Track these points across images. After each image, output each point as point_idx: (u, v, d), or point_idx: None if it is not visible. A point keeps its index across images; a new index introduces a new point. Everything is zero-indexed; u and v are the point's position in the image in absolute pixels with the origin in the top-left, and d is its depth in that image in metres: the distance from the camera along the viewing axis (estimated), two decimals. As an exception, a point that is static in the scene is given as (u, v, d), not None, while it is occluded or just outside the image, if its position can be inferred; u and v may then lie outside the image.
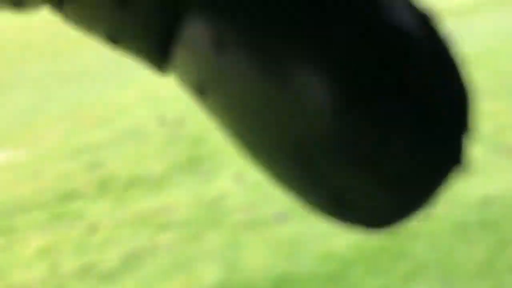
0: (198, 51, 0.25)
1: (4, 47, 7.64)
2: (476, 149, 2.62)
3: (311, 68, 0.23)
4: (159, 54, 0.26)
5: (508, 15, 4.84)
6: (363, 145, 0.23)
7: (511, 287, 1.83)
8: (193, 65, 0.25)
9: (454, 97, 0.24)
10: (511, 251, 1.98)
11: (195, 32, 0.24)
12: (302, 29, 0.23)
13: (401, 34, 0.23)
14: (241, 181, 2.76)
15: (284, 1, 0.23)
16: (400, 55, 0.23)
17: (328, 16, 0.23)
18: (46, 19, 9.37)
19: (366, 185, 0.24)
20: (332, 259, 2.07)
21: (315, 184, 0.25)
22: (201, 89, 0.25)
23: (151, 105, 4.12)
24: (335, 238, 2.20)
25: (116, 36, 0.26)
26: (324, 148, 0.24)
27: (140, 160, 3.20)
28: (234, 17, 0.24)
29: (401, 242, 2.12)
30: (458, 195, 2.34)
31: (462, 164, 0.25)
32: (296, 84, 0.23)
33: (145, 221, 2.56)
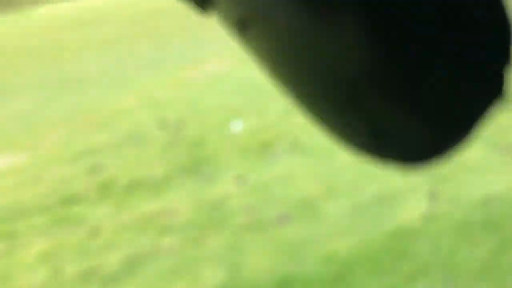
0: None
1: (4, 52, 7.64)
2: (478, 149, 2.62)
3: (352, 6, 0.23)
4: None
5: None
6: (404, 78, 0.23)
7: (514, 286, 1.83)
8: (237, 0, 0.25)
9: (497, 29, 0.23)
10: (514, 251, 1.98)
11: None
12: None
13: None
14: (242, 183, 2.76)
15: None
16: None
17: None
18: (46, 24, 9.38)
19: (406, 118, 0.24)
20: (335, 260, 2.07)
21: (355, 119, 0.25)
22: (244, 25, 0.25)
23: (151, 108, 4.12)
24: (338, 239, 2.19)
25: None
26: (364, 82, 0.24)
27: (141, 163, 3.20)
28: None
29: (403, 243, 2.12)
30: (460, 195, 2.34)
31: (502, 97, 0.24)
32: (339, 21, 0.23)
33: (147, 224, 2.55)
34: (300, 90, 0.25)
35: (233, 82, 4.24)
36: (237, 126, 3.44)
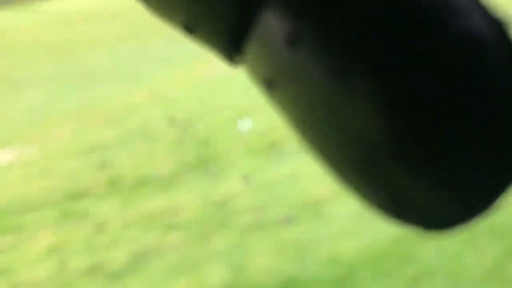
0: (271, 45, 0.25)
1: (15, 46, 7.68)
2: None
3: (371, 83, 0.23)
4: (232, 46, 0.27)
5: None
6: (423, 153, 0.24)
7: (518, 293, 1.82)
8: (264, 58, 0.26)
9: None
10: (519, 258, 1.97)
11: (269, 26, 0.25)
12: (368, 41, 0.23)
13: (473, 42, 0.23)
14: (249, 183, 2.76)
15: (361, 8, 0.23)
16: (471, 63, 0.23)
17: (399, 29, 0.23)
18: (59, 18, 9.41)
19: (426, 190, 0.24)
20: (339, 262, 2.07)
21: (374, 184, 0.25)
22: (270, 82, 0.26)
23: (161, 106, 4.13)
24: (342, 242, 2.19)
25: (192, 26, 0.26)
26: (383, 153, 0.24)
27: (149, 160, 3.21)
28: (309, 13, 0.24)
29: (408, 247, 2.11)
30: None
31: None
32: (358, 95, 0.23)
33: (153, 221, 2.56)
34: (322, 150, 0.26)
35: (243, 81, 4.24)
36: (246, 125, 3.44)
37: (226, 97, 4.00)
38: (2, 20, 9.87)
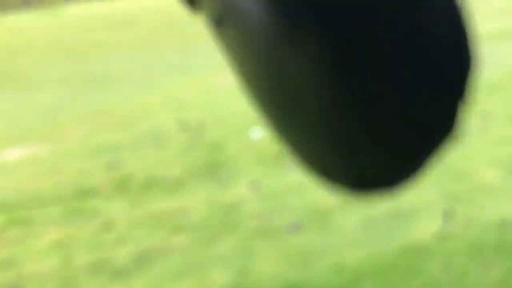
0: None
1: (32, 47, 7.75)
2: (493, 172, 2.60)
3: (313, 33, 0.24)
4: None
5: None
6: (359, 103, 0.24)
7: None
8: None
9: (457, 63, 0.23)
10: (526, 275, 1.95)
11: None
12: None
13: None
14: (257, 189, 2.77)
15: None
16: (405, 12, 0.23)
17: None
18: (77, 22, 9.49)
19: (358, 140, 0.24)
20: (343, 272, 2.06)
21: (307, 135, 0.25)
22: (219, 21, 0.27)
23: (173, 111, 4.15)
24: (348, 250, 2.19)
25: None
26: (323, 101, 0.24)
27: (158, 162, 3.22)
28: None
29: (414, 259, 2.10)
30: (475, 216, 2.32)
31: (455, 132, 0.24)
32: (299, 41, 0.24)
33: (160, 222, 2.57)
34: (258, 92, 0.26)
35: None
36: (256, 133, 3.45)
37: (238, 105, 4.00)
38: (22, 22, 9.98)
